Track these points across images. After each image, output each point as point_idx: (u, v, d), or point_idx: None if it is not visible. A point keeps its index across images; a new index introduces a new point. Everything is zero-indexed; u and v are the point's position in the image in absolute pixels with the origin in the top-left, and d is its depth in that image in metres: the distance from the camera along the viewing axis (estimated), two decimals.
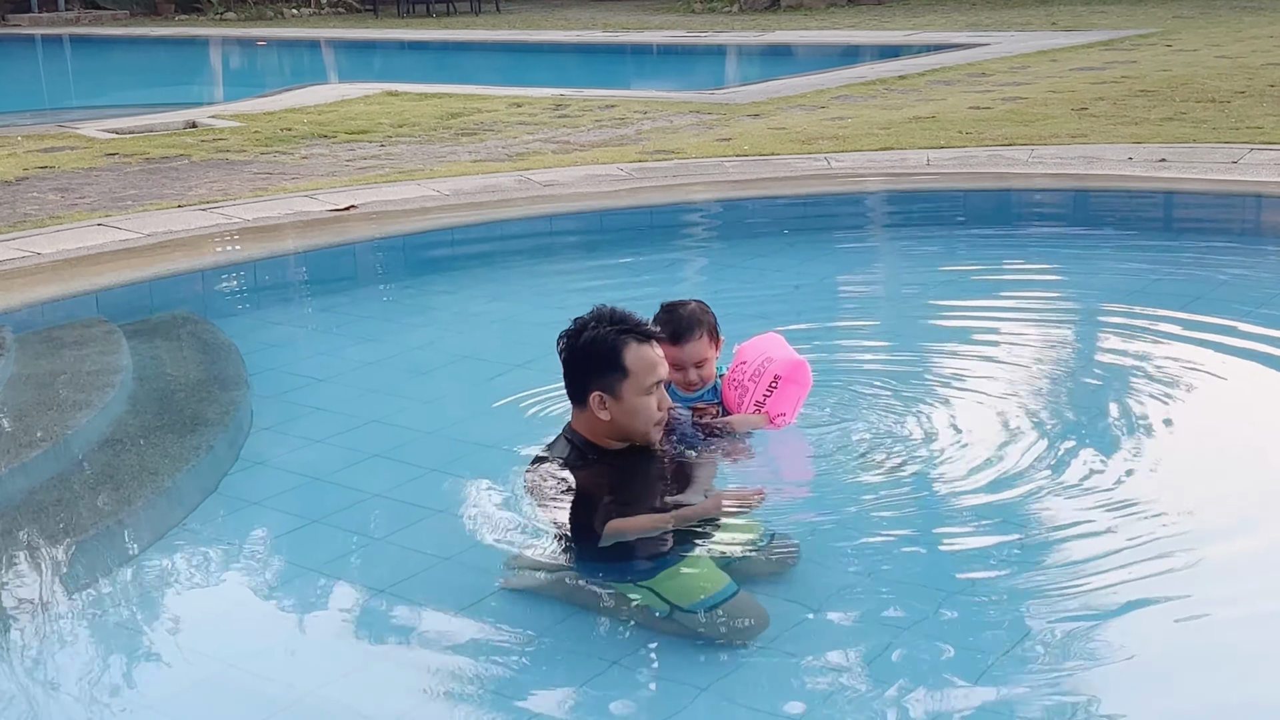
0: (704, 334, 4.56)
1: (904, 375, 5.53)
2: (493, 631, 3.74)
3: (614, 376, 3.97)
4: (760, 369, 4.60)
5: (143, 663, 3.72)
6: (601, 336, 3.99)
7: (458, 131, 12.44)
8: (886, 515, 4.27)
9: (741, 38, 22.22)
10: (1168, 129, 10.69)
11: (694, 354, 4.53)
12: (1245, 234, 8.15)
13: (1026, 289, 7.22)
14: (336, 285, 7.64)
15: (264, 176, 10.12)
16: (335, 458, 5.04)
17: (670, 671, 3.52)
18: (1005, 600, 3.78)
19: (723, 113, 12.97)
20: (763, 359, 4.62)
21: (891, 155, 9.93)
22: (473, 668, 3.59)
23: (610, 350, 3.97)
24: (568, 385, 4.10)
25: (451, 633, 3.75)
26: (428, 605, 3.89)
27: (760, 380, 4.59)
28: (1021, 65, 15.95)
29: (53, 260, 7.35)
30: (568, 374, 4.08)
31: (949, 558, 4.06)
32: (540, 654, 3.64)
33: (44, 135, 12.84)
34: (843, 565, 4.00)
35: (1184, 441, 5.03)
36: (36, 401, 5.28)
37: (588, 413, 4.05)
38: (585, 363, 4.01)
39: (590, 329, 4.01)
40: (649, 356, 4.01)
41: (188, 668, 3.68)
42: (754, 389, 4.58)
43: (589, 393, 4.01)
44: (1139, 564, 3.91)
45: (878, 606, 3.77)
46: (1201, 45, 17.38)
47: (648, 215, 8.67)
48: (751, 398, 4.57)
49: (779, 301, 6.88)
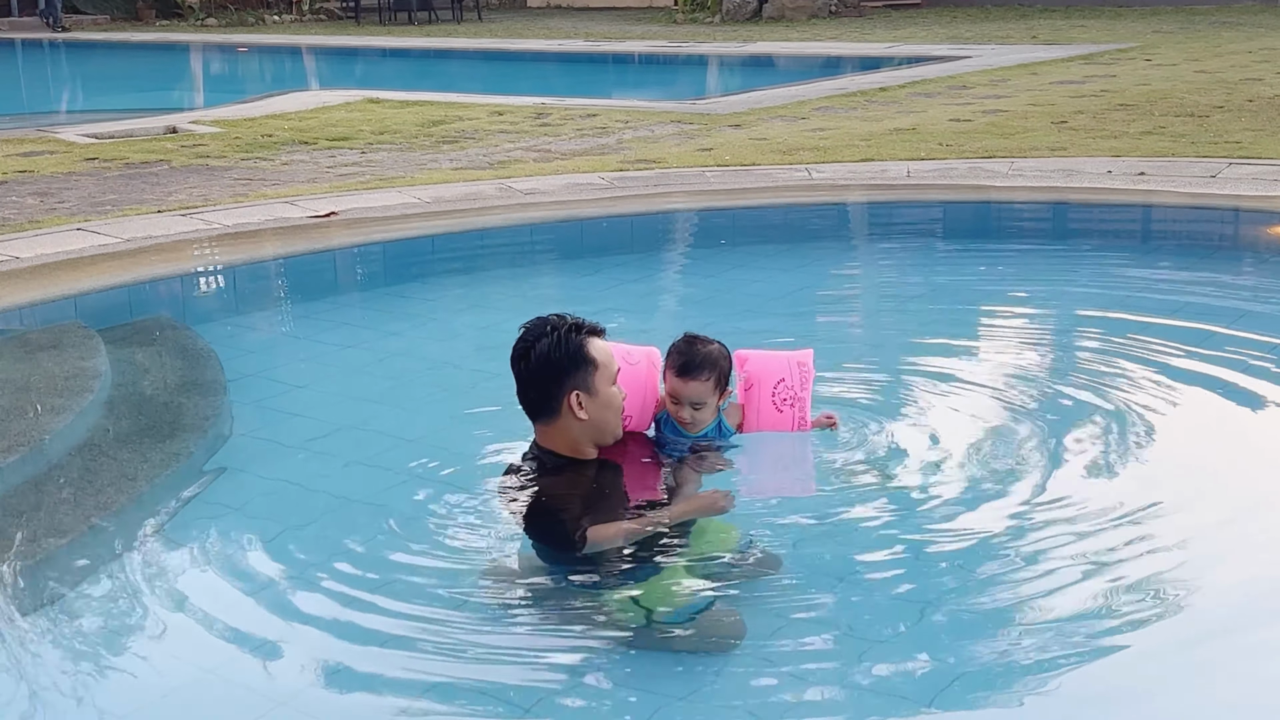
0: (712, 379, 4.43)
1: (882, 387, 5.53)
2: (469, 640, 3.73)
3: (585, 371, 4.00)
4: (804, 377, 4.60)
5: (119, 670, 3.70)
6: (562, 338, 4.02)
7: (439, 139, 12.43)
8: (866, 526, 4.27)
9: (723, 48, 22.26)
10: (1147, 143, 10.74)
11: (694, 393, 4.42)
12: (1224, 247, 8.20)
13: (1006, 301, 7.24)
14: (316, 292, 7.63)
15: (244, 182, 10.09)
16: (314, 464, 5.02)
17: (646, 681, 3.51)
18: (986, 613, 3.78)
19: (704, 123, 12.99)
20: (785, 368, 4.61)
21: (872, 167, 9.96)
22: (449, 676, 3.57)
23: (576, 347, 4.01)
24: (534, 399, 4.08)
25: (427, 641, 3.73)
26: (404, 613, 3.87)
27: (807, 386, 4.59)
28: (1001, 78, 16.02)
29: (31, 264, 7.31)
30: (534, 387, 4.05)
31: (929, 569, 4.06)
32: (516, 663, 3.62)
33: (23, 139, 12.80)
34: (821, 574, 4.00)
35: (1163, 455, 5.01)
36: (13, 406, 5.25)
37: (560, 422, 4.05)
38: (554, 367, 4.01)
39: (548, 335, 4.03)
40: (606, 347, 4.10)
41: (164, 675, 3.66)
42: (807, 398, 4.59)
43: (564, 396, 4.01)
44: (1121, 579, 3.91)
45: (855, 617, 3.77)
46: (1180, 60, 17.48)
47: (628, 224, 8.67)
48: (807, 403, 4.59)
49: (759, 312, 6.89)
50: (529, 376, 4.05)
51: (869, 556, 4.10)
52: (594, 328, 4.10)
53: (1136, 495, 4.54)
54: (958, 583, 3.96)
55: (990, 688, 3.44)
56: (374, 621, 3.86)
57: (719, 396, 4.48)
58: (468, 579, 4.01)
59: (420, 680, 3.55)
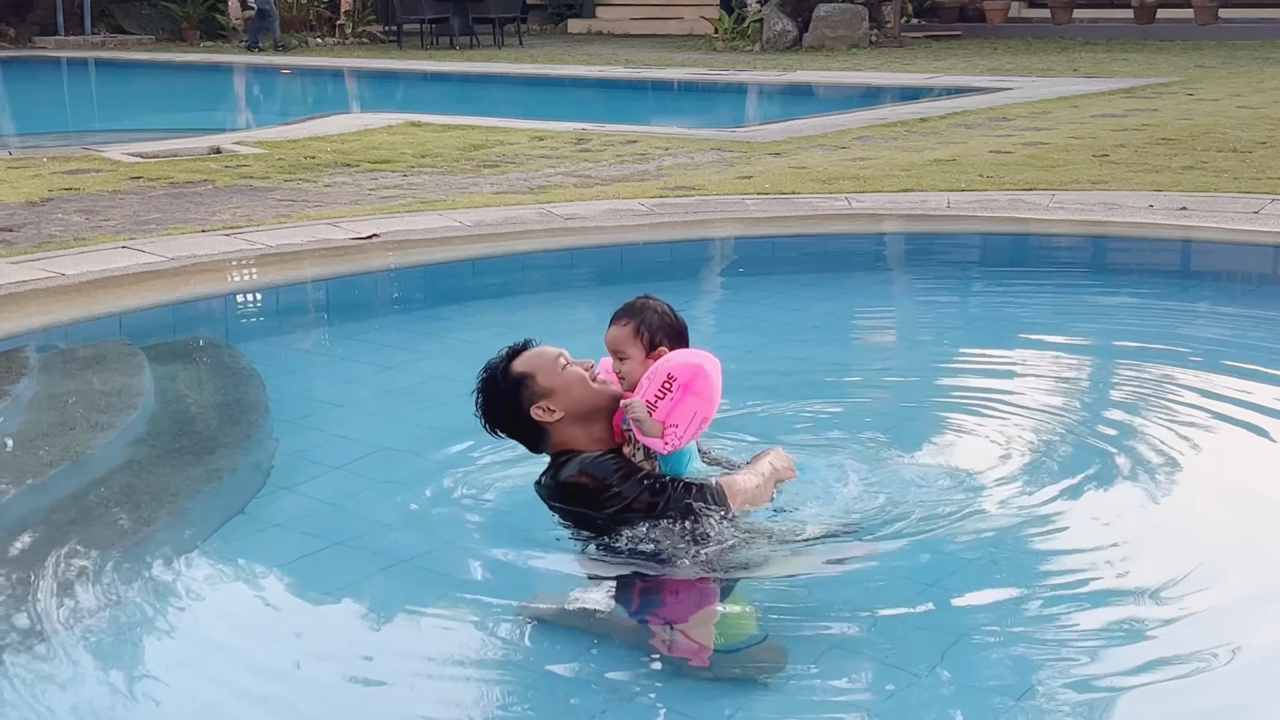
0: (631, 325, 4.25)
1: (912, 418, 5.51)
2: (509, 660, 3.74)
3: (526, 387, 4.20)
4: (655, 368, 4.13)
5: (157, 684, 3.72)
6: (490, 379, 4.27)
7: (480, 163, 12.50)
8: (892, 561, 4.20)
9: (763, 77, 22.31)
10: (1189, 177, 10.70)
11: (615, 338, 4.26)
12: (1266, 284, 8.15)
13: (1044, 334, 7.21)
14: (357, 313, 7.68)
15: (287, 204, 10.17)
16: (353, 483, 5.05)
17: (687, 707, 3.51)
18: (1012, 648, 3.74)
19: (744, 150, 13.02)
20: (663, 360, 4.16)
21: (912, 197, 9.95)
22: (488, 698, 3.58)
23: (506, 378, 4.22)
24: (521, 438, 4.35)
25: (466, 662, 3.74)
26: (446, 633, 3.90)
27: (653, 380, 4.09)
28: (1042, 111, 15.99)
29: (77, 282, 7.39)
30: (511, 431, 4.33)
31: (955, 604, 4.00)
32: (554, 688, 3.63)
33: (69, 157, 12.93)
34: (846, 610, 3.96)
35: (1199, 493, 4.95)
36: (58, 421, 5.31)
37: (553, 435, 4.24)
38: (506, 408, 4.25)
39: (483, 390, 4.29)
40: (533, 352, 4.28)
41: (203, 690, 3.68)
42: (647, 386, 4.09)
43: (531, 417, 4.20)
44: (1149, 619, 3.88)
45: (881, 652, 3.73)
46: (1223, 95, 17.42)
47: (669, 250, 8.70)
48: (642, 395, 4.08)
49: (797, 340, 6.90)
50: (501, 428, 4.33)
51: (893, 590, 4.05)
52: (514, 350, 4.30)
53: (1170, 536, 4.48)
54: (986, 617, 3.92)
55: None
56: (413, 640, 3.88)
57: (645, 354, 4.24)
58: (508, 601, 4.02)
59: (459, 702, 3.56)
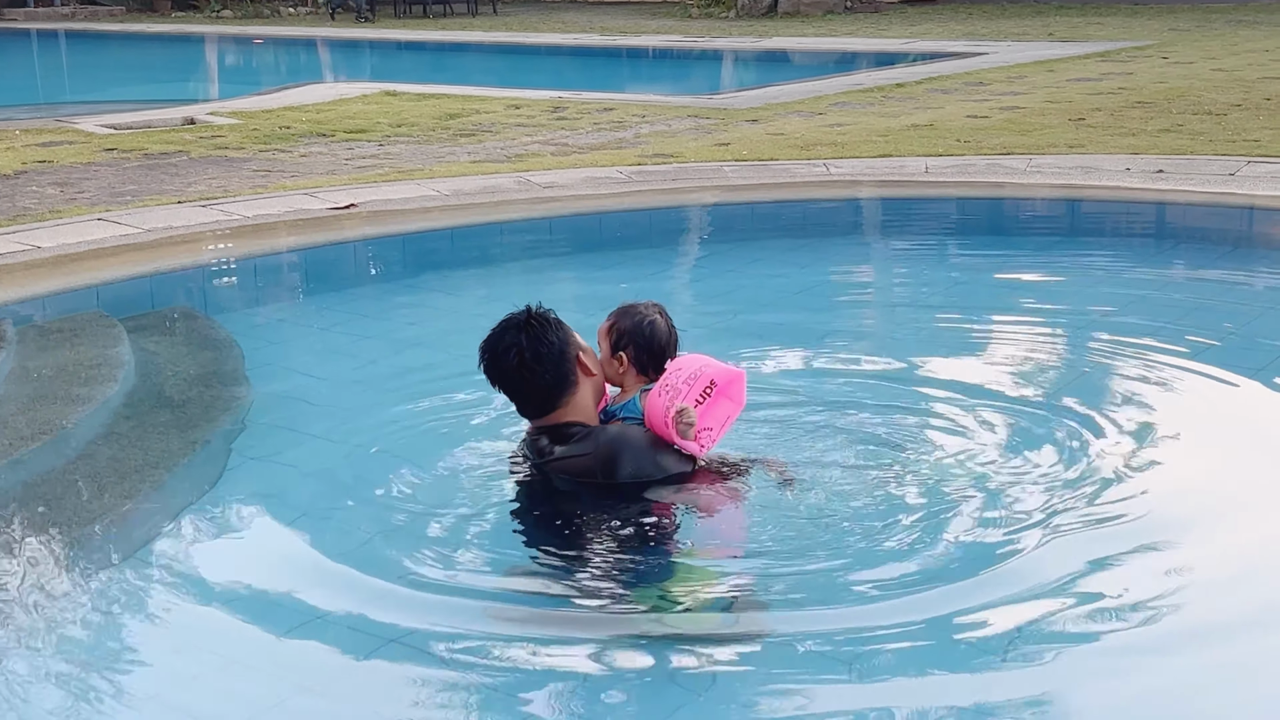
0: (605, 324, 4.38)
1: (891, 388, 5.47)
2: (489, 630, 3.74)
3: (569, 333, 4.23)
4: (697, 373, 4.24)
5: (141, 654, 3.72)
6: (537, 321, 4.20)
7: (456, 132, 12.45)
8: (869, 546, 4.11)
9: (739, 43, 22.25)
10: (1165, 140, 10.73)
11: (599, 330, 4.41)
12: (1243, 246, 8.19)
13: (1023, 298, 7.23)
14: (336, 283, 7.65)
15: (263, 174, 10.12)
16: (333, 453, 5.04)
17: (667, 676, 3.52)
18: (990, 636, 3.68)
19: (721, 117, 12.99)
20: (699, 365, 4.30)
21: (890, 162, 9.95)
22: (468, 667, 3.58)
23: (553, 320, 4.22)
24: (549, 385, 4.20)
25: (446, 632, 3.74)
26: (428, 603, 3.89)
27: (695, 384, 4.21)
28: (1018, 75, 16.00)
29: (53, 254, 7.35)
30: (545, 374, 4.18)
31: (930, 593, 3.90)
32: (536, 654, 3.63)
33: (42, 130, 12.83)
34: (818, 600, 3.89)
35: (1181, 463, 4.87)
36: (37, 395, 5.28)
37: (577, 395, 4.21)
38: (551, 348, 4.17)
39: (522, 330, 4.19)
40: None
41: (187, 660, 3.68)
42: (687, 392, 4.18)
43: (574, 362, 4.19)
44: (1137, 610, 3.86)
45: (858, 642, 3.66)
46: (1198, 58, 17.45)
47: (647, 218, 8.69)
48: (684, 399, 4.17)
49: (776, 306, 6.90)
50: (539, 364, 4.16)
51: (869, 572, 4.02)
52: (538, 306, 4.29)
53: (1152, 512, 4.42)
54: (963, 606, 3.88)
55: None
56: (396, 610, 3.87)
57: (610, 354, 4.37)
58: (489, 570, 4.02)
59: (438, 671, 3.57)
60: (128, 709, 3.46)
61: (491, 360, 4.22)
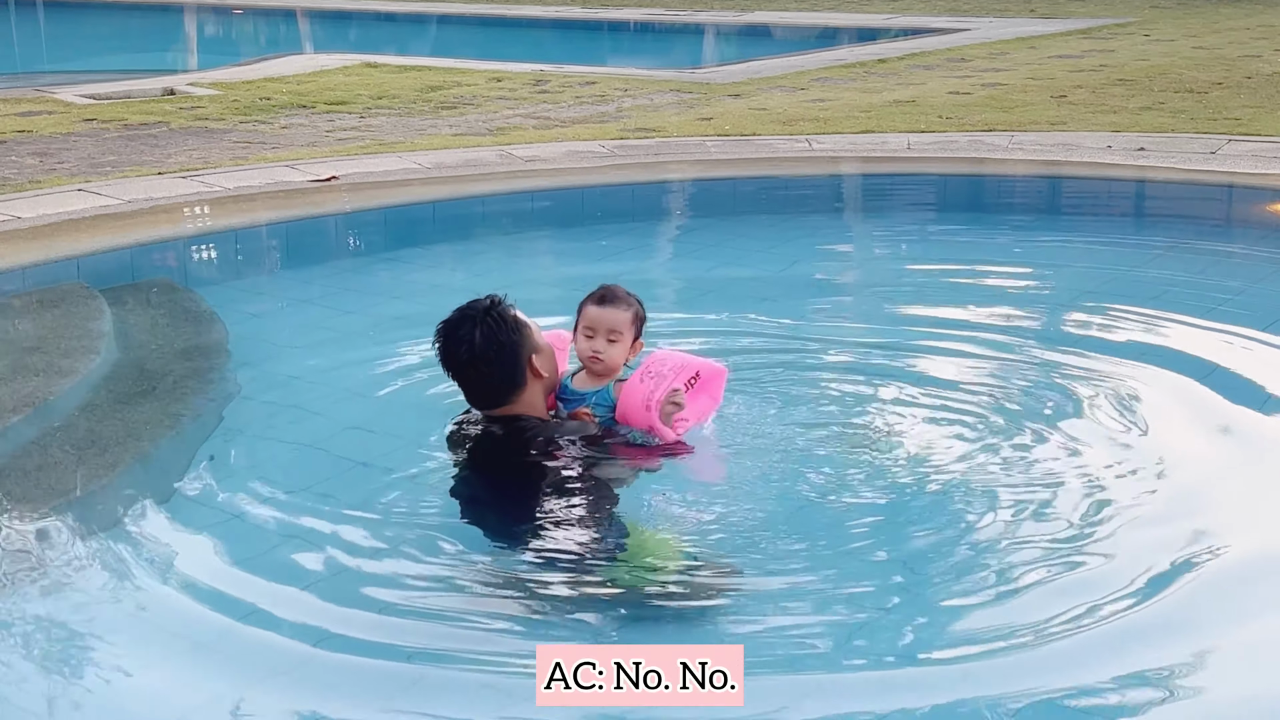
0: (630, 312, 4.37)
1: (867, 365, 5.46)
2: (470, 606, 3.74)
3: (528, 334, 4.21)
4: (684, 364, 4.33)
5: (122, 630, 3.71)
6: (496, 317, 4.16)
7: (437, 105, 12.41)
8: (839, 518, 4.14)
9: (720, 17, 22.21)
10: (1146, 118, 10.76)
11: (612, 319, 4.32)
12: (1224, 223, 8.22)
13: (1004, 274, 7.25)
14: (318, 255, 7.63)
15: (244, 145, 10.08)
16: (315, 425, 5.04)
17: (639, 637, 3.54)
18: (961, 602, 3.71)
19: (703, 92, 12.97)
20: (684, 358, 4.38)
21: (872, 138, 9.96)
22: (451, 641, 3.58)
23: (512, 318, 4.19)
24: (499, 382, 4.21)
25: (428, 607, 3.74)
26: (408, 575, 3.89)
27: (682, 373, 4.29)
28: (1000, 51, 16.01)
29: (33, 225, 7.31)
30: (496, 371, 4.18)
31: (901, 562, 3.93)
32: (515, 623, 3.64)
33: (20, 99, 12.75)
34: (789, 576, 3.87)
35: (1158, 440, 4.85)
36: (18, 366, 5.26)
37: (525, 393, 4.23)
38: (506, 345, 4.16)
39: (480, 322, 4.15)
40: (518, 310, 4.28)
41: (170, 636, 3.67)
42: (674, 379, 4.26)
43: (526, 365, 4.20)
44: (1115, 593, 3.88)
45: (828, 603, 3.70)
46: (1179, 36, 17.48)
47: (629, 192, 8.68)
48: (669, 385, 4.23)
49: (758, 281, 6.90)
50: (486, 364, 4.16)
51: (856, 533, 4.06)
52: (494, 299, 4.24)
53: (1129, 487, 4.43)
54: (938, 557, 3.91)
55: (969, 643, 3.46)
56: (376, 582, 3.88)
57: (632, 344, 4.38)
58: (470, 544, 4.03)
59: (421, 645, 3.57)
60: (107, 680, 3.47)
61: (443, 348, 4.24)
